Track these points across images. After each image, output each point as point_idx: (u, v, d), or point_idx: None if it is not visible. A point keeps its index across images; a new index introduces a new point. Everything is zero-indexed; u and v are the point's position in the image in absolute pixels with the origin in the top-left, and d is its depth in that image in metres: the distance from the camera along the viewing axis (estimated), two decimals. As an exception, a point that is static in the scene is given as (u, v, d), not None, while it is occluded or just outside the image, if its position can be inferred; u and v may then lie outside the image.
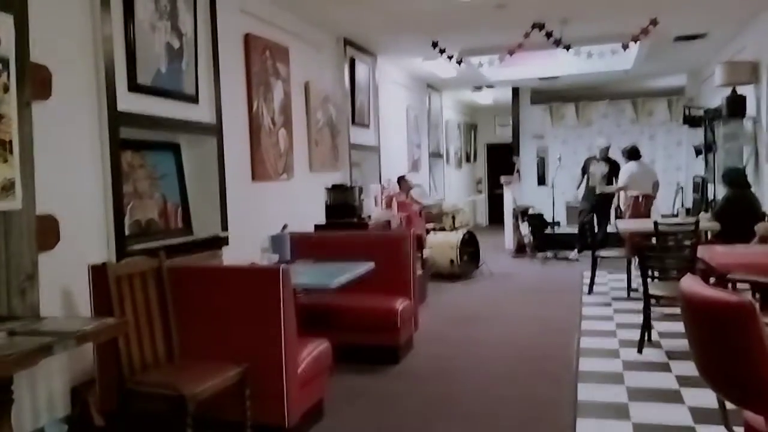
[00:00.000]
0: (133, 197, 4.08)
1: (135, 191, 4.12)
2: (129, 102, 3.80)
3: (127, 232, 3.80)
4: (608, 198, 9.16)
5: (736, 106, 7.41)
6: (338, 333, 4.03)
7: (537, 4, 6.11)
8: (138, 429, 2.94)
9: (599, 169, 9.25)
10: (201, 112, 4.58)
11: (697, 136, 9.18)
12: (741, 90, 7.38)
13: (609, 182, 9.14)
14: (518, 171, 11.81)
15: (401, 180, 8.22)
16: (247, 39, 5.28)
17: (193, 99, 4.48)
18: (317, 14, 6.23)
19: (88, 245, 3.45)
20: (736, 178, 6.23)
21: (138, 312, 2.95)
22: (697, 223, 5.71)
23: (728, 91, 7.48)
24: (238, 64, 5.17)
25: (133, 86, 3.86)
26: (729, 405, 1.86)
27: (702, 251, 4.39)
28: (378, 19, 6.55)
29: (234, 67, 5.09)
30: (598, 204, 9.05)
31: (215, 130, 4.72)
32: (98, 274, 2.99)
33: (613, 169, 9.18)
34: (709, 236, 6.29)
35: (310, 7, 5.96)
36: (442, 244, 7.96)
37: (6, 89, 2.90)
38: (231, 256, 4.71)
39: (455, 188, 13.36)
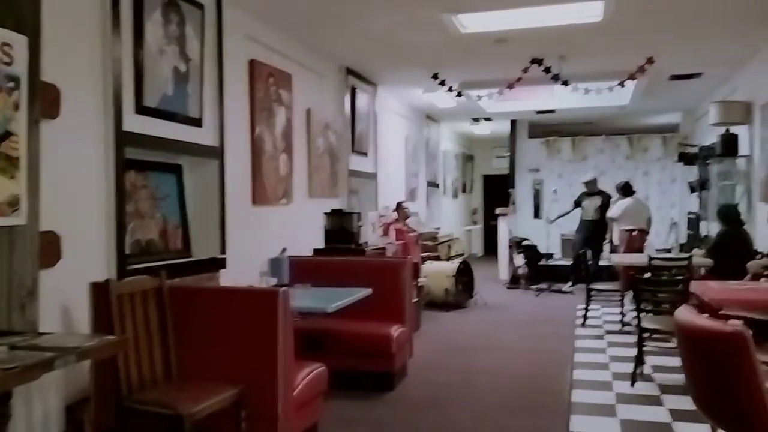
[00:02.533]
0: (135, 217, 4.12)
1: (137, 211, 4.15)
2: (135, 123, 3.86)
3: (127, 251, 3.83)
4: (601, 230, 9.25)
5: (729, 144, 7.55)
6: (333, 358, 4.04)
7: (536, 40, 6.24)
8: (133, 448, 2.94)
9: (592, 203, 9.41)
10: (205, 135, 4.64)
11: (692, 173, 9.31)
12: (734, 129, 7.52)
13: (602, 214, 9.25)
14: (514, 203, 11.90)
15: (399, 207, 8.28)
16: (252, 65, 5.37)
17: (198, 122, 4.54)
18: (321, 43, 6.35)
19: (89, 263, 3.48)
20: (731, 215, 6.31)
21: (138, 330, 2.97)
22: (690, 258, 5.78)
23: (722, 130, 7.62)
24: (242, 89, 5.26)
25: (140, 108, 3.93)
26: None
27: (695, 286, 4.43)
28: (380, 50, 6.67)
29: (238, 92, 5.17)
30: (591, 236, 9.17)
31: (218, 153, 4.78)
32: (99, 291, 3.01)
33: (605, 200, 9.31)
34: (702, 272, 6.35)
35: (313, 36, 6.08)
36: (438, 273, 8.00)
37: (17, 107, 2.95)
38: (229, 279, 4.73)
39: (451, 218, 13.43)
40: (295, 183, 6.10)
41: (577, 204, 9.68)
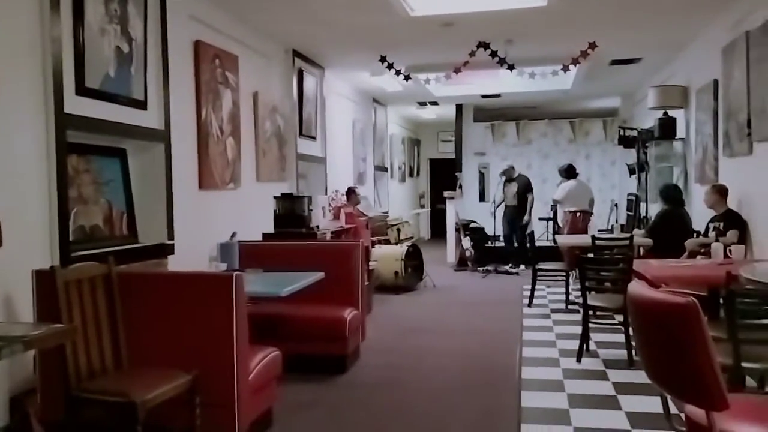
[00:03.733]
0: (78, 202, 3.98)
1: (80, 196, 4.02)
2: (76, 105, 3.73)
3: (71, 238, 3.70)
4: (519, 213, 9.76)
5: (667, 128, 7.81)
6: (287, 342, 4.00)
7: (483, 24, 6.30)
8: (83, 438, 2.87)
9: (510, 189, 9.88)
10: (149, 118, 4.52)
11: (631, 155, 9.59)
12: (672, 113, 7.78)
13: (520, 198, 9.74)
14: (460, 186, 12.04)
15: (351, 192, 8.27)
16: (197, 46, 5.24)
17: (142, 104, 4.42)
18: (267, 25, 6.25)
19: (31, 250, 3.36)
20: (672, 195, 6.54)
21: (86, 318, 2.88)
22: (631, 238, 5.98)
23: (660, 113, 7.87)
24: (187, 70, 5.13)
25: (81, 89, 3.80)
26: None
27: (637, 265, 4.59)
28: (327, 33, 6.61)
29: (183, 73, 5.05)
30: (513, 220, 9.81)
31: (163, 136, 4.67)
32: (44, 279, 2.90)
33: (521, 184, 9.76)
34: (642, 252, 6.58)
35: (260, 17, 5.97)
36: (388, 257, 8.04)
37: (-50, 87, 2.81)
38: (177, 265, 4.64)
39: (399, 202, 13.50)
40: (243, 167, 6.01)
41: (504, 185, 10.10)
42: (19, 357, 3.02)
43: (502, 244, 10.19)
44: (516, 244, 9.87)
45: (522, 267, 9.52)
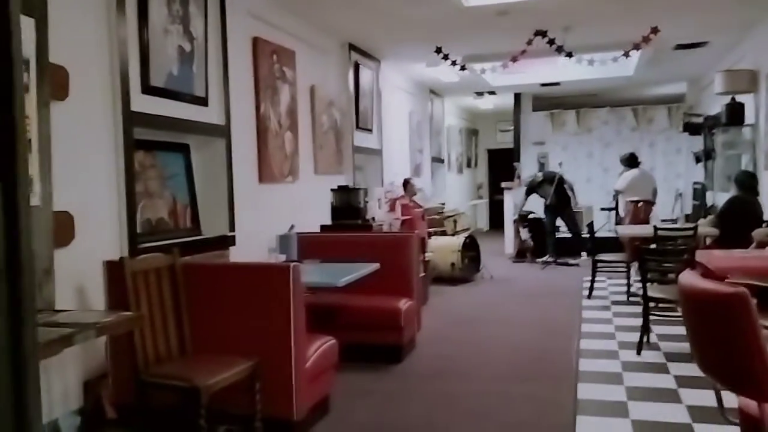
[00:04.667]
0: (144, 196, 4.17)
1: (146, 190, 4.20)
2: (142, 103, 3.89)
3: (138, 230, 3.89)
4: (563, 206, 9.69)
5: (735, 114, 7.51)
6: (343, 332, 4.09)
7: (539, 11, 6.21)
8: (152, 420, 3.02)
9: (546, 191, 9.75)
10: (210, 114, 4.67)
11: (697, 143, 9.28)
12: (740, 98, 7.48)
13: (559, 194, 9.63)
14: (519, 176, 11.91)
15: (407, 183, 8.31)
16: (256, 42, 5.38)
17: (203, 101, 4.57)
18: (323, 19, 6.34)
19: (102, 242, 3.54)
20: (748, 182, 6.29)
21: (152, 306, 3.03)
22: (695, 228, 5.80)
23: (727, 99, 7.58)
24: (246, 67, 5.27)
25: (146, 88, 3.96)
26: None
27: (700, 255, 4.46)
28: (382, 25, 6.65)
29: (242, 69, 5.18)
30: (555, 212, 9.71)
31: (224, 131, 4.82)
32: (114, 269, 3.07)
33: (559, 183, 9.67)
34: (708, 242, 6.38)
35: (316, 12, 6.07)
36: (444, 248, 8.05)
37: (26, 89, 2.99)
38: (238, 256, 4.79)
39: (456, 193, 13.46)
40: (301, 160, 6.13)
41: (529, 192, 9.98)
42: (91, 343, 3.21)
43: (563, 235, 10.03)
44: (570, 235, 9.82)
45: (584, 256, 9.37)
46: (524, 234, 10.12)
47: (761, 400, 1.64)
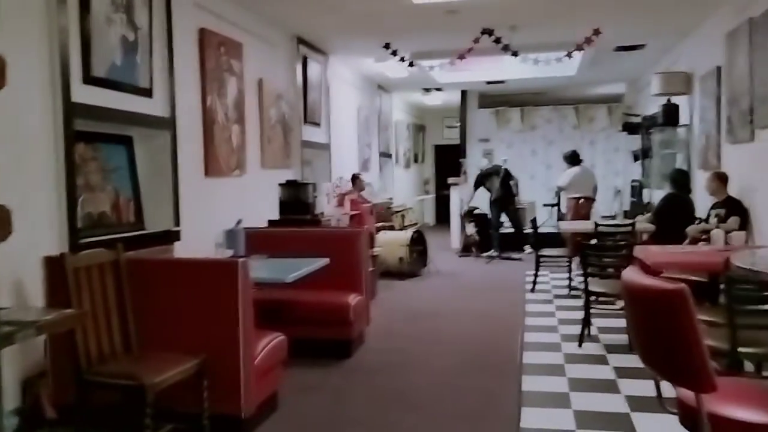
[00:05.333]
0: (85, 190, 4.04)
1: (87, 184, 4.08)
2: (83, 94, 3.78)
3: (79, 225, 3.77)
4: (508, 201, 9.92)
5: (670, 114, 7.81)
6: (292, 327, 4.06)
7: (487, 10, 6.31)
8: (94, 420, 2.95)
9: (493, 183, 9.91)
10: (155, 106, 4.57)
11: (635, 142, 9.61)
12: (675, 99, 7.78)
13: (505, 188, 9.85)
14: (465, 172, 12.07)
15: (355, 178, 8.31)
16: (202, 34, 5.27)
17: (148, 92, 4.47)
18: (271, 11, 6.27)
19: (41, 237, 3.42)
20: (681, 180, 6.56)
21: (95, 303, 2.95)
22: (633, 224, 6.02)
23: (663, 100, 7.87)
24: (192, 58, 5.16)
25: (88, 78, 3.84)
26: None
27: (638, 251, 4.64)
28: (331, 19, 6.63)
29: (188, 61, 5.08)
30: (501, 206, 9.89)
31: (169, 124, 4.72)
32: (54, 265, 2.97)
33: (506, 177, 9.88)
34: (645, 237, 6.62)
35: (264, 4, 5.99)
36: (392, 243, 8.10)
37: (-40, 77, 2.86)
38: (183, 251, 4.71)
39: (404, 188, 13.54)
40: (248, 154, 6.06)
41: (477, 185, 10.19)
42: (30, 341, 3.10)
43: (508, 230, 10.22)
44: (514, 230, 10.07)
45: (528, 249, 9.59)
46: (470, 229, 10.28)
47: (698, 391, 1.73)
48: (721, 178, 5.64)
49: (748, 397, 1.90)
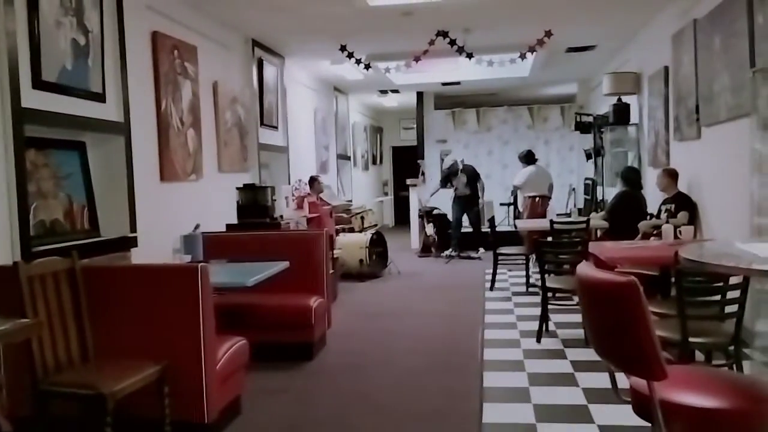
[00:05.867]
0: (38, 197, 3.95)
1: (39, 191, 3.99)
2: (33, 99, 3.70)
3: (32, 233, 3.68)
4: (472, 200, 10.00)
5: (621, 113, 8.03)
6: (253, 331, 4.03)
7: (441, 13, 6.38)
8: (52, 431, 2.89)
9: (460, 180, 9.98)
10: (108, 110, 4.50)
11: (588, 141, 9.83)
12: (626, 99, 8.00)
13: (472, 187, 9.95)
14: (423, 173, 12.17)
15: (313, 181, 8.30)
16: (155, 37, 5.21)
17: (100, 97, 4.39)
18: (225, 14, 6.22)
19: (-9, 246, 3.33)
20: (632, 177, 6.74)
21: (51, 312, 2.89)
22: (588, 221, 6.16)
23: (614, 99, 8.09)
24: (145, 62, 5.10)
25: (38, 83, 3.76)
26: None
27: (593, 247, 4.75)
28: (286, 22, 6.61)
29: (142, 65, 5.02)
30: (464, 206, 9.95)
31: (123, 128, 4.65)
32: (6, 275, 2.89)
33: (470, 174, 10.01)
34: (599, 234, 6.79)
35: (218, 7, 5.95)
36: (352, 245, 8.11)
37: None
38: (141, 257, 4.64)
39: (362, 190, 13.56)
40: (205, 158, 6.00)
41: (445, 182, 10.22)
42: (-18, 353, 3.02)
43: (466, 229, 10.33)
44: (472, 229, 10.16)
45: (482, 250, 9.71)
46: (429, 229, 10.36)
47: (650, 379, 1.80)
48: (671, 175, 5.82)
49: (698, 383, 1.98)
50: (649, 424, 1.94)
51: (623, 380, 2.10)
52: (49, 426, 2.85)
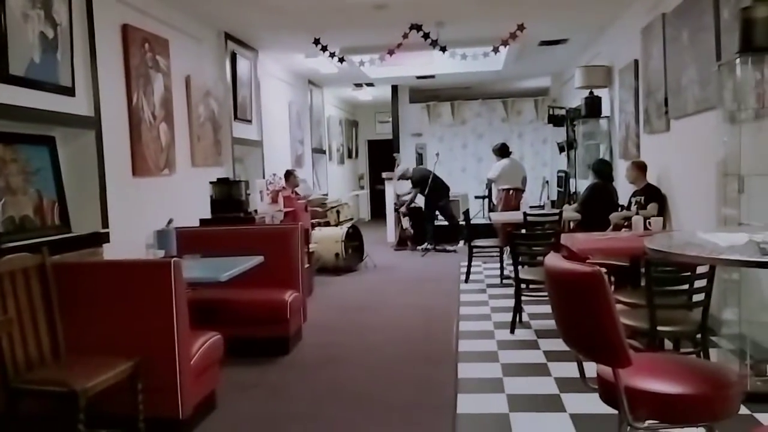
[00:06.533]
0: (6, 193, 3.90)
1: (8, 186, 3.93)
2: (1, 93, 3.64)
3: (0, 229, 3.63)
4: (439, 193, 10.08)
5: (593, 106, 8.13)
6: (228, 327, 4.02)
7: (414, 6, 6.40)
8: (25, 429, 2.86)
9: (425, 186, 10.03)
10: (78, 105, 4.44)
11: (561, 134, 9.94)
12: (597, 92, 8.10)
13: (437, 185, 10.06)
14: (399, 167, 12.19)
15: (289, 175, 8.28)
16: (125, 30, 5.15)
17: (70, 91, 4.34)
18: (197, 7, 6.17)
19: (-41, 243, 3.28)
20: (604, 170, 6.83)
21: (21, 310, 2.86)
22: (560, 213, 6.24)
23: (586, 92, 8.18)
24: (116, 55, 5.04)
25: (5, 77, 3.70)
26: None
27: (565, 239, 4.82)
28: (258, 14, 6.57)
29: (112, 58, 4.96)
30: (433, 200, 9.99)
31: (93, 123, 4.60)
32: (-26, 272, 2.86)
33: (434, 178, 10.10)
34: (571, 225, 6.88)
35: (189, 0, 5.89)
36: (328, 239, 8.12)
37: None
38: (113, 253, 4.60)
39: (338, 184, 13.55)
40: (178, 152, 5.96)
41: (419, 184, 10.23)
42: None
43: (442, 222, 10.40)
44: (446, 223, 10.24)
45: (461, 244, 9.78)
46: (405, 222, 10.40)
47: (615, 366, 1.84)
48: (640, 167, 5.92)
49: (662, 370, 2.03)
50: (616, 411, 1.99)
51: (592, 369, 2.15)
52: (21, 424, 2.82)
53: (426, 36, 7.12)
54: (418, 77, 11.18)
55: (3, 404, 2.74)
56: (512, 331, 5.02)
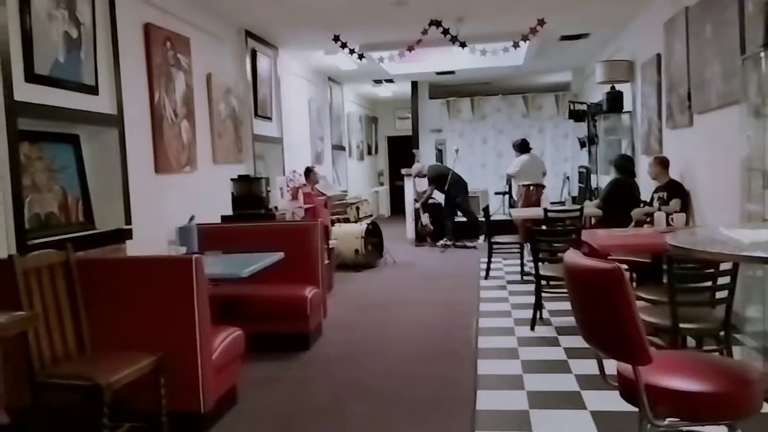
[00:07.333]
0: (32, 190, 3.97)
1: (33, 184, 4.00)
2: (26, 92, 3.70)
3: (27, 226, 3.70)
4: (457, 190, 10.05)
5: (614, 101, 8.05)
6: (249, 322, 4.07)
7: (434, 2, 6.38)
8: (50, 423, 2.92)
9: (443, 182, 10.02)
10: (101, 103, 4.50)
11: (582, 129, 9.85)
12: (619, 87, 8.02)
13: (454, 177, 10.00)
14: (415, 165, 12.17)
15: (309, 171, 8.32)
16: (148, 29, 5.20)
17: (93, 89, 4.40)
18: (218, 5, 6.21)
19: (-13, 240, 3.35)
20: (625, 165, 6.76)
21: (47, 305, 2.91)
22: (581, 209, 6.19)
23: (608, 87, 8.10)
24: (138, 54, 5.10)
25: (31, 76, 3.76)
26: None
27: (586, 235, 4.78)
28: (279, 12, 6.60)
29: (134, 57, 5.02)
30: (450, 196, 9.99)
31: (116, 121, 4.66)
32: (1, 268, 2.91)
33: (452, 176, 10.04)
34: (593, 222, 6.82)
35: (211, -2, 5.94)
36: (347, 235, 8.14)
37: None
38: (136, 250, 4.66)
39: (358, 180, 13.58)
40: (199, 149, 6.01)
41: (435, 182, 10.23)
42: (-21, 346, 3.04)
43: (461, 218, 10.37)
44: (465, 220, 10.22)
45: (480, 240, 9.75)
46: (425, 219, 10.39)
47: (635, 363, 1.83)
48: (663, 163, 5.85)
49: (683, 367, 2.01)
50: (637, 409, 1.98)
51: (612, 366, 2.14)
52: (47, 418, 2.88)
53: (446, 32, 7.10)
54: (438, 73, 11.15)
55: (29, 398, 2.79)
56: (532, 328, 5.00)
